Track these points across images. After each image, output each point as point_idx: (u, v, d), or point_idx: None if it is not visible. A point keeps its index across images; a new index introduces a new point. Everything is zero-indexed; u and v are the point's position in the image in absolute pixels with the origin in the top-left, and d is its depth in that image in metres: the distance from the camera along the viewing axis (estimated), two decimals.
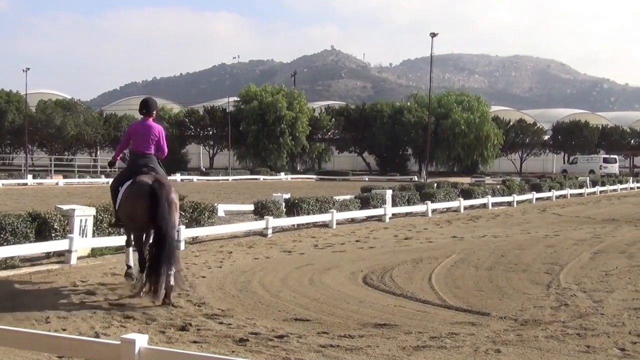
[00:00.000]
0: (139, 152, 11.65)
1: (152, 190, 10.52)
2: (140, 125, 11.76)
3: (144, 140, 11.62)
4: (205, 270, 12.60)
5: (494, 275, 12.28)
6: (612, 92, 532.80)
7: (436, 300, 10.08)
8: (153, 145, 11.68)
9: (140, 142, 11.64)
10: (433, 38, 68.99)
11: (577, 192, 43.07)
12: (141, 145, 11.63)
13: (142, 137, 11.62)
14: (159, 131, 11.77)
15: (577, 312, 9.26)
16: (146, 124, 11.72)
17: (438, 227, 22.26)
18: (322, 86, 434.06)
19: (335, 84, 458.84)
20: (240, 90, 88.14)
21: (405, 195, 26.52)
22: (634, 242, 17.85)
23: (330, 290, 10.85)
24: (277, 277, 11.98)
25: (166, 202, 10.48)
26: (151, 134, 11.62)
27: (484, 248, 16.44)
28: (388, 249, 16.27)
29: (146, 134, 11.62)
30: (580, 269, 13.09)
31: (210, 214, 17.55)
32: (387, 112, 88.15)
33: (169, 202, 10.52)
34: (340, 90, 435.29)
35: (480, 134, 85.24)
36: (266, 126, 79.92)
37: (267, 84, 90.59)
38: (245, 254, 15.03)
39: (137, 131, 11.73)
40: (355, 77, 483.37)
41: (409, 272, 12.56)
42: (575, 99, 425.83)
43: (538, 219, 26.03)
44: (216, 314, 9.01)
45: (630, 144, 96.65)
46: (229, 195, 38.52)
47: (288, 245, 16.69)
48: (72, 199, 27.36)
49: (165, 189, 10.65)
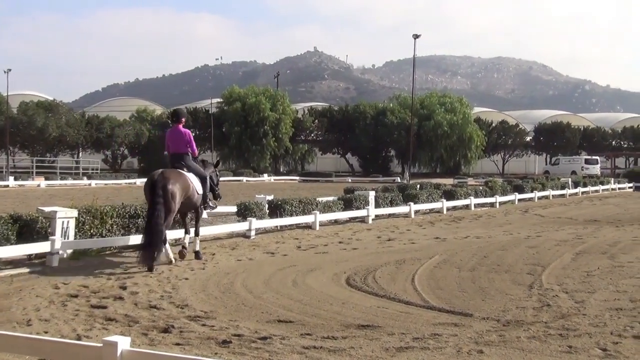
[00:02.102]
0: (174, 152, 14.68)
1: (153, 180, 13.24)
2: (173, 131, 14.73)
3: (177, 142, 14.63)
4: (188, 272, 12.57)
5: (476, 276, 12.31)
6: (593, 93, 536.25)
7: (419, 301, 10.09)
8: (185, 146, 14.60)
9: (173, 144, 14.67)
10: (416, 40, 69.11)
11: (559, 193, 43.24)
12: (175, 147, 14.65)
13: (176, 140, 14.65)
14: (188, 134, 14.73)
15: (559, 312, 9.30)
16: (177, 129, 14.68)
17: (421, 228, 22.29)
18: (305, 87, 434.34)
19: (318, 85, 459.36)
20: (224, 91, 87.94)
21: (388, 197, 26.54)
22: (616, 243, 17.95)
23: (314, 291, 10.84)
24: (260, 278, 11.96)
25: (161, 190, 13.00)
26: (182, 137, 14.60)
27: (466, 249, 16.48)
28: (371, 250, 16.28)
29: (178, 137, 14.62)
30: (562, 270, 13.14)
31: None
32: (370, 113, 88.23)
33: (164, 190, 13.03)
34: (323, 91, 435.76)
35: (463, 136, 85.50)
36: (249, 127, 79.82)
37: (251, 86, 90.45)
38: (228, 256, 15.01)
39: (170, 136, 14.74)
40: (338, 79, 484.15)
41: (392, 273, 12.57)
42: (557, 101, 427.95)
43: (520, 220, 26.12)
44: (199, 316, 8.99)
45: (612, 145, 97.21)
46: None
47: (271, 247, 16.68)
48: (54, 201, 27.24)
49: (164, 180, 13.19)
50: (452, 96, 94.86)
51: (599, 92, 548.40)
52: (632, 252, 16.00)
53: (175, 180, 13.51)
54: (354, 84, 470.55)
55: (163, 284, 11.28)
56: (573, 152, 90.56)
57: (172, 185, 13.25)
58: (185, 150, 14.64)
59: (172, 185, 13.25)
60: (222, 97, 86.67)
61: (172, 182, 13.29)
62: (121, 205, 15.83)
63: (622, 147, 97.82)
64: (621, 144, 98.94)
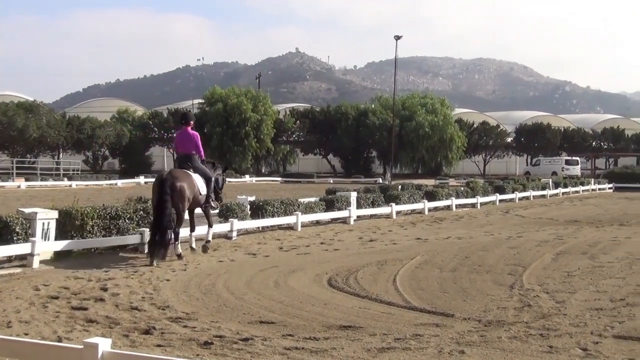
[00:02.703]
0: (182, 153, 15.82)
1: (161, 178, 14.32)
2: (181, 133, 15.87)
3: (185, 144, 15.71)
4: (169, 273, 12.53)
5: (457, 277, 12.35)
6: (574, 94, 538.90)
7: (401, 301, 10.11)
8: (192, 147, 15.65)
9: (182, 145, 15.78)
10: (397, 40, 69.47)
11: (539, 194, 43.44)
12: (183, 147, 15.76)
13: (184, 142, 15.74)
14: (195, 136, 15.74)
15: (540, 312, 9.34)
16: (185, 131, 15.74)
17: (402, 229, 22.34)
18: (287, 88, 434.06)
19: (300, 86, 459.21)
20: (205, 92, 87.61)
21: (370, 197, 26.56)
22: (596, 243, 18.05)
23: (295, 292, 10.84)
24: (242, 279, 11.95)
25: (169, 188, 13.99)
26: (190, 139, 15.65)
27: (448, 250, 16.53)
28: (353, 251, 16.29)
29: (186, 139, 15.69)
30: (543, 270, 13.20)
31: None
32: (352, 114, 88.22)
33: (172, 188, 14.02)
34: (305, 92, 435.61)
35: (444, 136, 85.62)
36: (231, 128, 79.57)
37: (233, 86, 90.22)
38: (209, 257, 14.98)
39: (179, 137, 15.96)
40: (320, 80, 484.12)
41: (373, 274, 12.59)
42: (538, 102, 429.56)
43: (501, 221, 26.23)
44: (180, 317, 8.97)
45: (592, 146, 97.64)
46: None
47: (253, 248, 16.66)
48: (34, 202, 27.08)
49: (173, 178, 14.25)
50: (433, 97, 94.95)
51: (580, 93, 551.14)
52: (612, 253, 16.10)
53: (183, 179, 14.54)
54: (335, 84, 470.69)
55: (144, 285, 11.24)
56: (554, 153, 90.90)
57: (180, 183, 14.30)
58: (192, 152, 15.70)
59: (180, 183, 14.30)
60: (204, 98, 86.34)
61: (180, 181, 14.35)
62: (102, 207, 15.77)
63: (602, 148, 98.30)
64: (601, 144, 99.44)
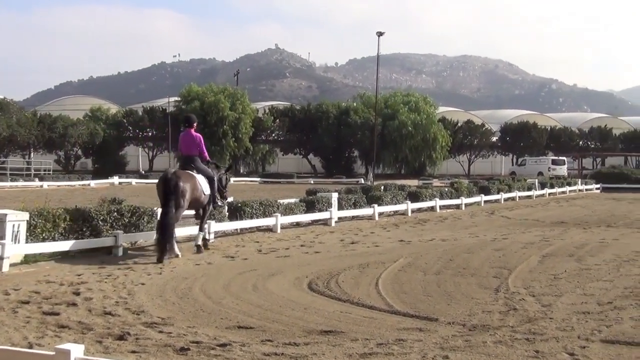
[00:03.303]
0: (186, 154, 16.90)
1: (166, 178, 15.27)
2: (185, 135, 16.95)
3: (189, 145, 16.83)
4: (144, 277, 12.48)
5: (442, 280, 12.37)
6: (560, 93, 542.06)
7: (383, 305, 10.12)
8: (195, 149, 16.81)
9: (185, 147, 16.91)
10: (380, 37, 69.61)
11: (525, 195, 43.66)
12: (186, 149, 16.87)
13: (187, 143, 16.87)
14: (199, 138, 16.96)
15: (525, 316, 9.37)
16: (189, 133, 16.88)
17: (385, 231, 22.37)
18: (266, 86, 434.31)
19: (279, 83, 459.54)
20: (181, 90, 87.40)
21: (352, 198, 26.59)
22: (583, 245, 18.14)
23: (275, 296, 10.82)
24: (220, 283, 11.92)
25: (173, 187, 15.02)
26: (193, 141, 16.81)
27: (431, 252, 16.56)
28: (334, 254, 16.30)
29: (190, 140, 16.84)
30: (529, 273, 13.25)
31: (149, 219, 17.33)
32: (333, 112, 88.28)
33: (175, 188, 15.04)
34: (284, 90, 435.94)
35: (428, 136, 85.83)
36: (208, 127, 79.25)
37: (210, 84, 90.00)
38: (186, 260, 14.94)
39: (183, 139, 16.98)
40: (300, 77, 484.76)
41: (355, 277, 12.59)
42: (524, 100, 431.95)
43: (486, 222, 26.33)
44: (156, 323, 8.93)
45: (579, 145, 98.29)
46: None
47: (231, 251, 16.64)
48: (4, 204, 26.87)
49: (176, 178, 15.22)
50: (416, 95, 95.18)
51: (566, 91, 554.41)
52: (600, 255, 16.18)
53: (186, 180, 15.53)
54: (316, 82, 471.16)
55: (118, 290, 11.19)
56: (540, 153, 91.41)
57: (182, 183, 15.28)
58: (195, 153, 16.84)
59: (182, 183, 15.28)
60: (180, 96, 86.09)
61: (183, 181, 15.32)
62: (75, 208, 15.70)
63: (589, 147, 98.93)
64: (588, 144, 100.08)
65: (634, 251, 16.79)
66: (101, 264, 13.95)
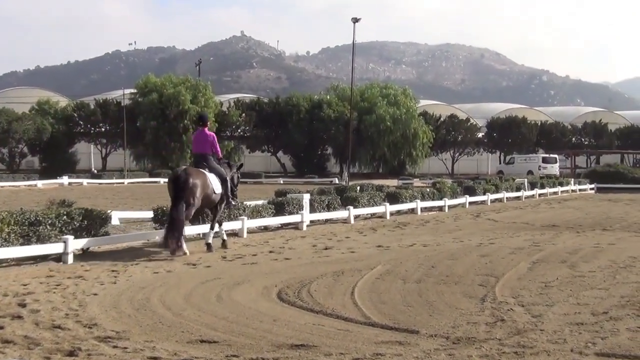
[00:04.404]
0: (198, 153, 18.44)
1: (176, 175, 16.85)
2: (198, 133, 18.71)
3: (202, 144, 18.36)
4: (97, 287, 12.41)
5: (423, 289, 12.40)
6: (551, 85, 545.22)
7: (359, 317, 10.13)
8: (209, 147, 18.30)
9: (198, 145, 18.48)
10: (355, 24, 69.67)
11: (514, 196, 43.90)
12: (200, 148, 18.40)
13: (200, 142, 18.41)
14: (212, 137, 18.50)
15: (514, 328, 9.41)
16: (202, 132, 18.47)
17: (361, 235, 22.40)
18: (231, 77, 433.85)
19: (245, 74, 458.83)
20: (138, 81, 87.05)
21: (325, 200, 26.58)
22: (576, 251, 18.25)
23: (241, 307, 10.81)
24: (180, 293, 11.89)
25: (183, 185, 16.42)
26: (206, 139, 18.33)
27: (412, 258, 16.60)
28: (306, 261, 16.30)
29: (203, 139, 18.37)
30: (517, 281, 13.31)
31: (102, 223, 17.27)
32: (305, 106, 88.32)
33: (185, 185, 16.43)
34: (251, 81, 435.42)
35: (408, 131, 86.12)
36: (167, 122, 79.08)
37: (169, 74, 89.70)
38: (143, 268, 14.88)
39: (196, 138, 18.77)
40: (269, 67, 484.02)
41: (329, 286, 12.60)
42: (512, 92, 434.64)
43: (472, 226, 26.43)
44: (110, 337, 8.88)
45: (572, 142, 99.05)
46: (124, 200, 38.11)
47: (192, 257, 16.58)
48: None
49: (186, 176, 16.59)
50: (395, 87, 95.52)
51: (558, 83, 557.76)
52: (594, 261, 16.28)
53: (196, 177, 16.87)
54: (286, 73, 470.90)
55: (68, 301, 11.13)
56: (529, 150, 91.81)
57: (193, 181, 16.62)
58: (208, 151, 18.31)
59: (193, 181, 16.62)
60: (136, 88, 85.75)
61: (193, 179, 16.67)
62: (20, 211, 15.59)
63: (583, 144, 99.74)
64: (582, 140, 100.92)
65: (631, 257, 16.89)
66: (49, 273, 13.86)
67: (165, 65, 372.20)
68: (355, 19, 71.68)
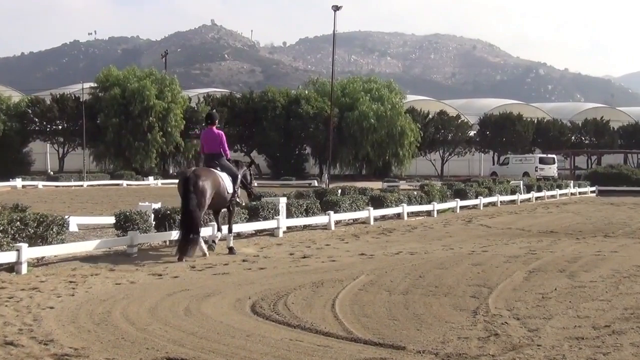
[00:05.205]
0: (209, 152, 19.65)
1: (185, 176, 17.84)
2: (207, 132, 19.82)
3: (211, 143, 19.59)
4: (53, 299, 12.36)
5: (410, 301, 12.42)
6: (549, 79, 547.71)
7: (341, 331, 10.13)
8: (218, 147, 19.49)
9: (208, 145, 19.67)
10: (336, 12, 69.63)
11: (508, 199, 44.05)
12: (210, 147, 19.62)
13: (210, 141, 19.63)
14: (221, 135, 19.73)
15: (509, 343, 9.44)
16: (211, 131, 19.66)
17: (343, 243, 22.43)
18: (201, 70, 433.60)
19: (216, 67, 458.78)
20: (98, 74, 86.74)
21: (303, 204, 26.58)
22: (576, 259, 18.32)
23: (211, 321, 10.80)
24: (145, 306, 11.86)
25: (192, 186, 17.43)
26: (216, 138, 19.54)
27: (398, 268, 16.63)
28: (282, 270, 16.30)
29: (212, 138, 19.59)
30: (512, 292, 13.35)
31: (60, 229, 17.20)
32: (281, 102, 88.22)
33: (195, 186, 17.45)
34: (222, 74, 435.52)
35: (393, 130, 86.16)
36: (130, 119, 78.83)
37: (133, 67, 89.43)
38: (104, 279, 14.84)
39: (205, 137, 19.95)
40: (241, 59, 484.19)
41: (307, 298, 12.60)
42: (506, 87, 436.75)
43: (463, 232, 26.50)
44: (67, 354, 8.86)
45: (571, 140, 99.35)
46: (83, 205, 37.97)
47: (158, 267, 16.55)
48: None
49: (196, 177, 17.61)
50: (379, 81, 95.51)
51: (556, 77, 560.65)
52: (595, 270, 16.35)
53: (207, 178, 17.93)
54: (260, 65, 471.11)
55: (22, 315, 11.08)
56: (525, 150, 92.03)
57: (202, 181, 17.66)
58: (218, 151, 19.50)
59: (202, 181, 17.66)
60: (97, 81, 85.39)
61: (203, 179, 17.72)
62: None
63: (583, 143, 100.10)
64: (582, 139, 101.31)
65: (635, 265, 16.97)
66: (1, 284, 13.80)
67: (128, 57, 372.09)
68: (336, 7, 71.67)
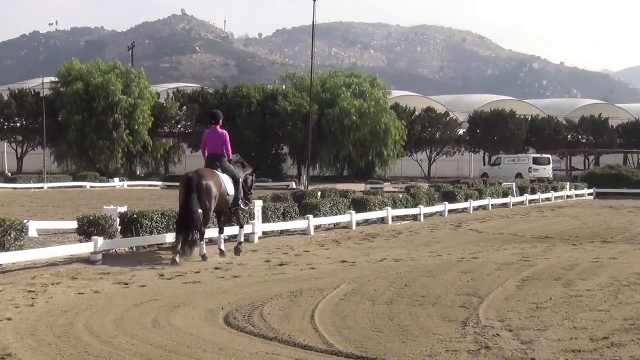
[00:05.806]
0: (211, 153, 20.19)
1: (188, 177, 18.58)
2: (211, 132, 20.42)
3: (215, 143, 20.20)
4: (11, 310, 12.31)
5: (395, 311, 12.43)
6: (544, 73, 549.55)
7: (321, 344, 10.13)
8: (221, 147, 20.10)
9: (211, 145, 20.26)
10: (315, 1, 69.55)
11: (500, 202, 44.22)
12: (213, 147, 20.22)
13: (213, 141, 20.24)
14: (225, 136, 20.26)
15: (501, 356, 9.46)
16: (215, 130, 20.29)
17: (323, 249, 22.43)
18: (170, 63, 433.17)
19: (187, 60, 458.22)
20: (60, 68, 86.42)
21: (281, 208, 26.58)
22: (572, 266, 18.37)
23: (181, 334, 10.78)
24: (110, 318, 11.83)
25: (195, 187, 18.08)
26: (219, 138, 20.16)
27: (382, 276, 16.64)
28: (258, 279, 16.29)
29: (216, 138, 20.20)
30: (505, 302, 13.38)
31: (18, 235, 17.13)
32: (257, 98, 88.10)
33: (198, 187, 18.12)
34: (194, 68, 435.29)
35: (377, 128, 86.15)
36: (94, 116, 78.55)
37: (97, 60, 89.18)
38: (66, 288, 14.78)
39: (208, 136, 20.46)
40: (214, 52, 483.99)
41: (285, 309, 12.59)
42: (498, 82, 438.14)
43: (452, 237, 26.56)
44: None
45: (567, 139, 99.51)
46: (44, 209, 37.84)
47: (124, 276, 16.50)
48: None
49: (199, 177, 18.30)
50: (362, 76, 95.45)
51: (551, 71, 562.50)
52: (593, 278, 16.40)
53: (210, 178, 18.63)
54: (234, 58, 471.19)
55: None
56: (518, 150, 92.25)
57: (206, 182, 18.38)
58: (221, 151, 20.10)
59: (206, 182, 18.38)
60: (58, 76, 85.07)
61: (206, 179, 18.43)
62: None
63: (580, 142, 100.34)
64: (579, 138, 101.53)
65: (635, 273, 17.03)
66: None
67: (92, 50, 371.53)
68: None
